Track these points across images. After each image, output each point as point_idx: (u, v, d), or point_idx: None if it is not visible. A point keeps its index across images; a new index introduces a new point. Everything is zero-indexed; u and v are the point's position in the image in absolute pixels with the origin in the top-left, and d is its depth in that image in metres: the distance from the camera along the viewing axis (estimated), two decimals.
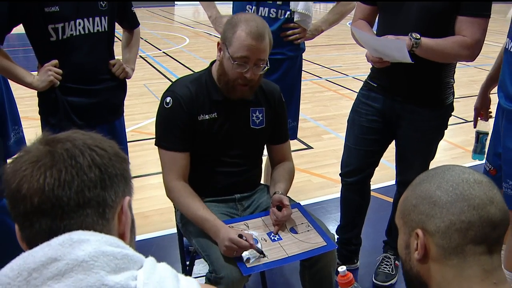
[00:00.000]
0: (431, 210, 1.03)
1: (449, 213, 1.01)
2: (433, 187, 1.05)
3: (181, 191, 1.99)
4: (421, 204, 1.05)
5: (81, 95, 2.26)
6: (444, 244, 1.01)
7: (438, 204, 1.02)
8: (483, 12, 2.13)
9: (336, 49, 10.31)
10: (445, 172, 1.07)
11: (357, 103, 2.54)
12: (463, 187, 1.02)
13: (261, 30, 1.89)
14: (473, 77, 7.51)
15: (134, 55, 2.58)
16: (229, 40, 1.90)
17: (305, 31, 2.81)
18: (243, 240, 1.81)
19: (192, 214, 1.96)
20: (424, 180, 1.08)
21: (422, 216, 1.04)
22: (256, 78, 1.95)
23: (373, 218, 3.04)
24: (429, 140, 2.46)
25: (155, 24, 13.67)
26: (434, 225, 1.02)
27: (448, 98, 2.38)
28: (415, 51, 2.12)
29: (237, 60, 1.89)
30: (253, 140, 2.14)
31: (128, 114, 3.15)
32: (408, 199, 1.09)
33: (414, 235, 1.05)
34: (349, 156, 2.61)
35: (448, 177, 1.05)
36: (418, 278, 1.08)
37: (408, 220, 1.08)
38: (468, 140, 4.84)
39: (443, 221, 1.01)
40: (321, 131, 5.31)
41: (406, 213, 1.09)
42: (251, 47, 1.87)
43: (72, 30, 2.16)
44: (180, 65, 8.29)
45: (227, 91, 2.00)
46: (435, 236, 1.02)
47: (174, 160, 2.00)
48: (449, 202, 1.01)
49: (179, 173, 2.00)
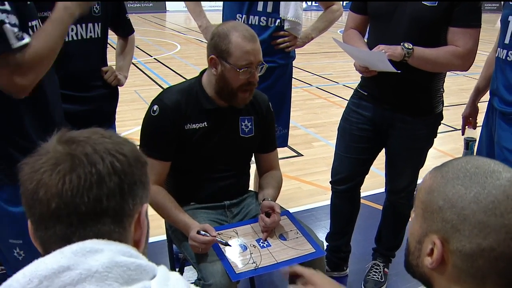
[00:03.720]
0: (460, 224, 0.86)
1: (480, 236, 0.84)
2: (469, 197, 0.86)
3: (157, 193, 2.02)
4: (449, 211, 0.88)
5: (73, 102, 2.24)
6: (463, 266, 0.87)
7: (469, 220, 0.85)
8: (474, 22, 2.16)
9: (326, 57, 10.36)
10: (487, 178, 0.87)
11: (347, 111, 2.55)
12: (505, 208, 0.84)
13: (252, 32, 1.92)
14: (463, 85, 7.58)
15: (128, 62, 2.57)
16: (227, 51, 1.89)
17: (296, 39, 2.82)
18: (201, 235, 1.84)
19: (166, 215, 2.01)
20: (460, 179, 0.89)
21: (447, 225, 0.88)
22: (257, 80, 1.98)
23: (363, 226, 3.05)
24: (418, 148, 2.48)
25: (146, 30, 13.67)
26: (458, 242, 0.87)
27: (437, 107, 2.40)
28: (408, 61, 2.14)
29: (243, 67, 1.90)
30: (242, 148, 2.15)
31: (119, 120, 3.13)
32: (435, 194, 0.92)
33: (431, 239, 0.91)
34: (339, 164, 2.62)
35: (490, 188, 0.85)
36: (424, 278, 0.97)
37: (429, 218, 0.92)
38: (457, 148, 4.88)
39: (470, 243, 0.85)
40: (311, 138, 5.32)
41: (428, 208, 0.93)
42: (252, 51, 1.89)
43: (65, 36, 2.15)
44: (171, 72, 8.30)
45: (229, 101, 2.01)
46: (455, 254, 0.88)
47: (153, 166, 2.01)
48: (483, 223, 0.84)
49: (156, 178, 2.03)
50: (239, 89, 1.95)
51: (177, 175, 2.13)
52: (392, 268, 2.84)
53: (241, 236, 2.00)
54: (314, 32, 2.98)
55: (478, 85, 2.62)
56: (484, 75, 2.56)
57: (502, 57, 2.27)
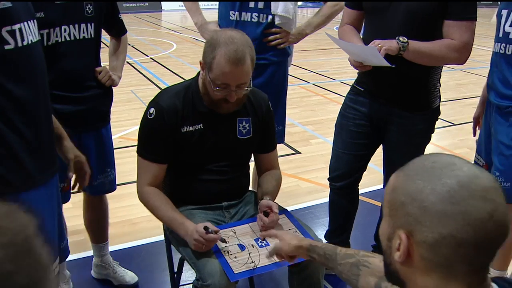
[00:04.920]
0: (421, 216, 0.90)
1: (440, 225, 0.88)
2: (427, 189, 0.90)
3: (151, 194, 2.03)
4: (410, 205, 0.91)
5: (67, 103, 2.23)
6: (429, 256, 0.90)
7: (429, 211, 0.89)
8: (469, 15, 2.15)
9: (323, 54, 10.35)
10: (442, 170, 0.91)
11: (344, 107, 2.54)
12: (461, 196, 0.87)
13: (240, 54, 1.84)
14: (460, 80, 7.56)
15: (121, 62, 2.56)
16: (209, 65, 1.88)
17: (288, 35, 2.78)
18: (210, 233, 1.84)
19: (161, 216, 2.01)
20: (418, 175, 0.93)
21: (409, 219, 0.91)
22: (240, 97, 1.95)
23: (362, 223, 3.05)
24: (416, 144, 2.47)
25: (142, 30, 13.64)
26: (421, 233, 0.90)
27: (434, 102, 2.39)
28: (403, 55, 2.13)
29: (218, 86, 1.88)
30: (240, 150, 2.14)
31: (115, 120, 3.13)
32: (398, 191, 0.95)
33: (397, 235, 0.94)
34: (337, 160, 2.61)
35: (445, 178, 0.89)
36: (397, 275, 1.00)
37: (394, 215, 0.96)
38: (455, 143, 4.87)
39: (432, 232, 0.88)
40: (309, 135, 5.31)
41: (393, 206, 0.96)
42: (231, 74, 1.85)
43: (58, 37, 2.14)
44: (168, 71, 8.28)
45: (212, 107, 2.00)
46: (420, 245, 0.91)
47: (148, 168, 2.04)
48: (442, 212, 0.88)
49: (152, 180, 2.04)
50: (219, 101, 1.95)
51: (175, 177, 2.12)
52: None
53: (239, 236, 1.99)
54: (308, 28, 2.92)
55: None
56: None
57: (497, 50, 2.29)
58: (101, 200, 2.65)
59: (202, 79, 1.99)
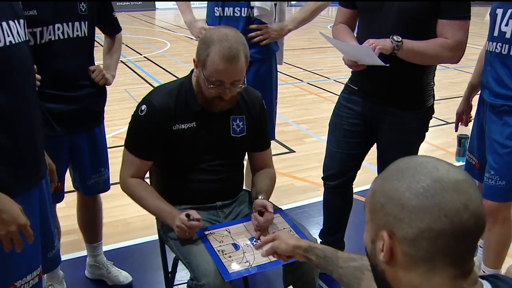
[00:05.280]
0: (399, 213, 0.93)
1: (417, 219, 0.91)
2: (403, 187, 0.94)
3: (135, 186, 2.04)
4: (389, 205, 0.95)
5: (60, 102, 2.22)
6: (411, 252, 0.93)
7: (406, 207, 0.92)
8: (462, 14, 2.15)
9: (317, 52, 10.35)
10: (416, 169, 0.95)
11: (338, 106, 2.54)
12: (435, 190, 0.91)
13: (234, 51, 1.84)
14: (453, 79, 7.58)
15: (115, 61, 2.54)
16: (203, 62, 1.87)
17: (270, 31, 2.74)
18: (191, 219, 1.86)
19: (148, 205, 2.02)
20: (394, 176, 0.97)
21: (389, 218, 0.95)
22: (234, 95, 1.95)
23: (356, 221, 3.04)
24: (410, 142, 2.47)
25: (136, 28, 13.60)
26: (401, 230, 0.93)
27: (428, 100, 2.39)
28: (397, 54, 2.13)
29: (212, 83, 1.88)
30: (234, 149, 2.13)
31: (109, 119, 3.11)
32: (376, 195, 0.99)
33: (380, 236, 0.97)
34: (331, 159, 2.61)
35: (419, 176, 0.94)
36: (382, 276, 1.02)
37: (376, 218, 0.99)
38: (449, 141, 4.88)
39: (411, 228, 0.92)
40: (303, 134, 5.31)
41: (373, 209, 1.00)
42: (225, 71, 1.85)
43: (51, 35, 2.12)
44: (161, 70, 8.26)
45: (206, 105, 2.00)
46: (402, 242, 0.94)
47: (133, 162, 2.06)
48: (418, 207, 0.91)
49: (135, 173, 2.06)
50: (213, 99, 1.94)
51: (168, 177, 2.12)
52: None
53: (234, 235, 1.98)
54: (291, 24, 2.86)
55: (472, 82, 2.62)
56: (478, 72, 2.55)
57: (491, 50, 2.28)
58: (95, 199, 2.64)
59: (195, 77, 1.98)
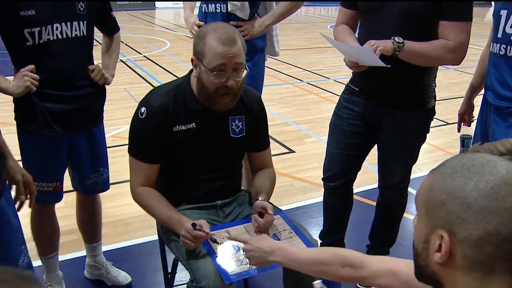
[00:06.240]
0: (464, 213, 0.88)
1: (485, 221, 0.86)
2: (469, 186, 0.89)
3: (145, 194, 2.01)
4: (452, 203, 0.90)
5: (58, 102, 2.21)
6: (473, 254, 0.89)
7: (473, 208, 0.87)
8: (464, 15, 2.14)
9: (317, 52, 10.35)
10: (484, 168, 0.90)
11: (338, 107, 2.53)
12: (505, 192, 0.86)
13: (231, 34, 1.86)
14: (454, 79, 7.58)
15: (114, 60, 2.53)
16: (201, 53, 1.87)
17: (250, 28, 2.81)
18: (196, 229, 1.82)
19: (157, 215, 2.00)
20: (458, 172, 0.92)
21: (452, 217, 0.90)
22: (237, 85, 1.92)
23: (356, 222, 3.04)
24: (411, 144, 2.46)
25: (136, 27, 13.60)
26: (465, 231, 0.88)
27: (429, 101, 2.38)
28: (398, 55, 2.12)
29: (215, 70, 1.86)
30: (233, 149, 2.12)
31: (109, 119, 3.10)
32: (436, 190, 0.93)
33: (437, 235, 0.92)
34: (331, 160, 2.60)
35: (488, 175, 0.88)
36: (433, 277, 0.98)
37: (433, 215, 0.93)
38: (449, 142, 4.87)
39: (477, 229, 0.87)
40: (303, 134, 5.30)
41: (431, 205, 0.94)
42: (225, 53, 1.84)
43: (49, 35, 2.11)
44: (161, 69, 8.25)
45: (208, 104, 1.97)
46: (463, 244, 0.89)
47: (141, 169, 2.02)
48: (486, 208, 0.86)
49: (145, 180, 2.03)
50: (216, 93, 1.91)
51: (168, 177, 2.10)
52: None
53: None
54: (268, 19, 2.90)
55: (473, 83, 2.61)
56: (479, 72, 2.53)
57: (496, 51, 2.25)
58: (94, 199, 2.63)
59: (195, 76, 1.96)
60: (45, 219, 2.45)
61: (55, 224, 2.50)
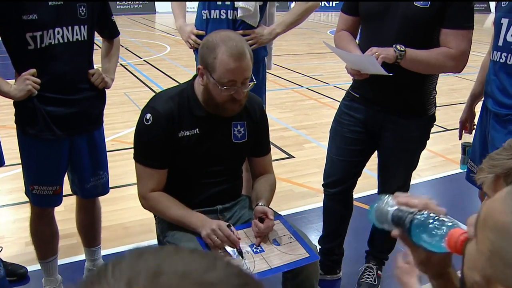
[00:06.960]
0: None
1: None
2: None
3: (158, 198, 2.01)
4: None
5: (59, 105, 2.22)
6: None
7: None
8: (466, 23, 2.15)
9: (317, 58, 10.35)
10: None
11: (339, 113, 2.53)
12: None
13: (241, 48, 1.85)
14: (453, 85, 7.59)
15: (113, 64, 2.53)
16: (212, 66, 1.86)
17: (258, 37, 2.72)
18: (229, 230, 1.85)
19: (173, 214, 2.00)
20: None
21: None
22: (245, 95, 1.94)
23: (355, 228, 3.03)
24: (411, 150, 2.47)
25: (136, 32, 13.61)
26: None
27: (430, 108, 2.38)
28: (400, 63, 2.13)
29: (225, 85, 1.86)
30: (235, 154, 2.13)
31: (108, 123, 3.11)
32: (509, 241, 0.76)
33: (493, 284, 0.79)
34: (331, 166, 2.60)
35: None
36: None
37: (498, 269, 0.78)
38: (448, 148, 4.88)
39: None
40: (302, 140, 5.30)
41: (498, 256, 0.77)
42: (236, 69, 1.84)
43: (51, 39, 2.12)
44: (161, 74, 8.25)
45: (217, 112, 1.98)
46: None
47: (150, 175, 2.02)
48: None
49: (156, 186, 2.02)
50: (226, 104, 1.93)
51: (169, 181, 2.10)
52: (386, 270, 2.82)
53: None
54: (279, 27, 2.82)
55: (474, 90, 2.62)
56: (480, 80, 2.54)
57: (496, 59, 2.26)
58: (93, 203, 2.62)
59: (202, 85, 1.95)
60: (45, 223, 2.45)
61: (55, 227, 2.50)
